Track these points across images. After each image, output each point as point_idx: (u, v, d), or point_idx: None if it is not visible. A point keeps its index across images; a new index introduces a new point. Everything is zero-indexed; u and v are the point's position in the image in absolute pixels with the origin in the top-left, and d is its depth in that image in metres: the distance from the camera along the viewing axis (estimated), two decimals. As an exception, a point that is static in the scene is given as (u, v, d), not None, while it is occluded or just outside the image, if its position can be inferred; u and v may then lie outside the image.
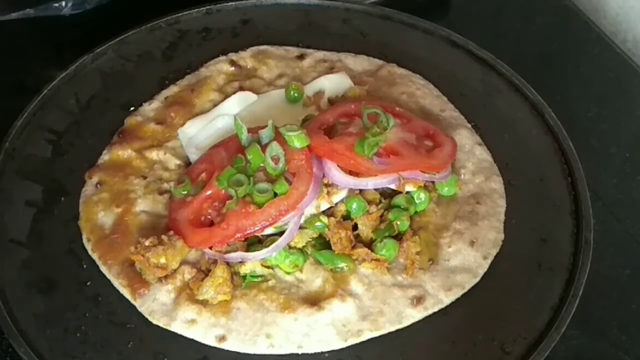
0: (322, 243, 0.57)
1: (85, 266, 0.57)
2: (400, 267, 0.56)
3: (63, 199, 0.60)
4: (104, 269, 0.56)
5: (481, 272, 0.57)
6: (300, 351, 0.53)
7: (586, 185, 0.62)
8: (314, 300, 0.54)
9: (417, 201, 0.58)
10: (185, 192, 0.57)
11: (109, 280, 0.56)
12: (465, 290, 0.56)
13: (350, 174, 0.57)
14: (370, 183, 0.57)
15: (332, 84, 0.67)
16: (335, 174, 0.57)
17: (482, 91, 0.69)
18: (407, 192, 0.58)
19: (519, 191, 0.62)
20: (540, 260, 0.58)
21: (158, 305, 0.54)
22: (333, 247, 0.56)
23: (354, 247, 0.56)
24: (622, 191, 0.68)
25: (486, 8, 0.84)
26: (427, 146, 0.60)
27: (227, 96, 0.66)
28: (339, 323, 0.54)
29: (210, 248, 0.56)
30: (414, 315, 0.54)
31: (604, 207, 0.65)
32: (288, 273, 0.56)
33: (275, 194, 0.55)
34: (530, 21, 0.83)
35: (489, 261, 0.57)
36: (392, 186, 0.58)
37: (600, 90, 0.76)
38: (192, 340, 0.54)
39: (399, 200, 0.58)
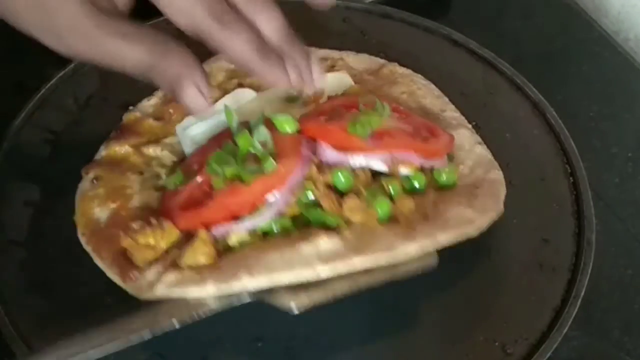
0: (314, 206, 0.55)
1: (84, 267, 0.57)
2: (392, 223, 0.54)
3: (61, 199, 0.60)
4: (97, 261, 0.56)
5: (478, 224, 0.55)
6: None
7: (588, 185, 0.62)
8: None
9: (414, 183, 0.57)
10: (178, 183, 0.57)
11: (108, 281, 0.56)
12: (461, 235, 0.54)
13: None
14: (362, 158, 0.56)
15: (333, 82, 0.67)
16: (326, 150, 0.56)
17: (483, 90, 0.69)
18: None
19: (520, 191, 0.62)
20: (541, 261, 0.58)
21: (145, 282, 0.53)
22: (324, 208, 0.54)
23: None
24: (624, 191, 0.67)
25: (487, 7, 0.84)
26: (423, 136, 0.59)
27: (226, 93, 0.66)
28: (325, 254, 0.51)
29: None
30: (407, 248, 0.52)
31: (606, 207, 0.65)
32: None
33: None
34: (531, 20, 0.83)
35: (487, 218, 0.55)
36: (385, 169, 0.56)
37: (602, 90, 0.76)
38: (192, 339, 0.54)
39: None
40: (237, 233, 0.54)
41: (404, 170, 0.57)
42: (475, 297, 0.56)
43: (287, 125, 0.56)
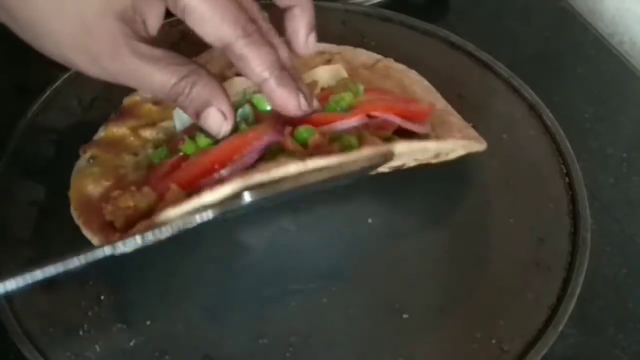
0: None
1: (88, 266, 0.57)
2: None
3: (66, 199, 0.61)
4: (86, 233, 0.56)
5: (436, 140, 0.58)
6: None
7: (583, 186, 0.62)
8: None
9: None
10: (162, 157, 0.58)
11: (111, 279, 0.57)
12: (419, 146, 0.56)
13: None
14: (338, 124, 0.56)
15: (327, 75, 0.67)
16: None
17: (481, 92, 0.69)
18: None
19: (516, 191, 0.62)
20: (537, 260, 0.58)
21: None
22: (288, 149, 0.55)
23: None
24: (619, 191, 0.68)
25: (485, 10, 0.84)
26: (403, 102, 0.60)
27: (224, 79, 0.66)
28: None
29: None
30: (363, 153, 0.53)
31: (601, 207, 0.66)
32: None
33: None
34: (527, 23, 0.84)
35: (447, 142, 0.58)
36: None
37: (597, 91, 0.76)
38: (193, 338, 0.54)
39: None
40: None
41: (380, 133, 0.57)
42: (472, 295, 0.57)
43: (267, 103, 0.57)
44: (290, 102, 0.53)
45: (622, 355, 0.58)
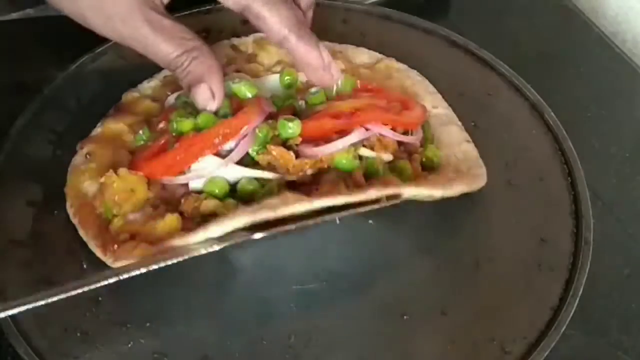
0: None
1: (85, 266, 0.57)
2: None
3: (64, 200, 0.60)
4: (82, 233, 0.57)
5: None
6: None
7: (586, 185, 0.62)
8: None
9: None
10: (145, 139, 0.60)
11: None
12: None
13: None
14: (339, 143, 0.56)
15: None
16: (301, 148, 0.56)
17: (482, 91, 0.69)
18: None
19: (518, 191, 0.62)
20: (540, 260, 0.58)
21: (121, 254, 0.54)
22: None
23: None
24: (622, 191, 0.68)
25: (486, 8, 0.84)
26: (397, 110, 0.61)
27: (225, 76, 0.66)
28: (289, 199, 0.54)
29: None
30: (370, 195, 0.55)
31: (604, 207, 0.65)
32: None
33: None
34: (530, 21, 0.83)
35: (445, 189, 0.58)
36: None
37: (600, 90, 0.76)
38: (192, 339, 0.54)
39: None
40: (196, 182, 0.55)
41: (386, 157, 0.58)
42: (474, 296, 0.56)
43: (247, 89, 0.59)
44: (312, 54, 0.57)
45: (625, 357, 0.58)
